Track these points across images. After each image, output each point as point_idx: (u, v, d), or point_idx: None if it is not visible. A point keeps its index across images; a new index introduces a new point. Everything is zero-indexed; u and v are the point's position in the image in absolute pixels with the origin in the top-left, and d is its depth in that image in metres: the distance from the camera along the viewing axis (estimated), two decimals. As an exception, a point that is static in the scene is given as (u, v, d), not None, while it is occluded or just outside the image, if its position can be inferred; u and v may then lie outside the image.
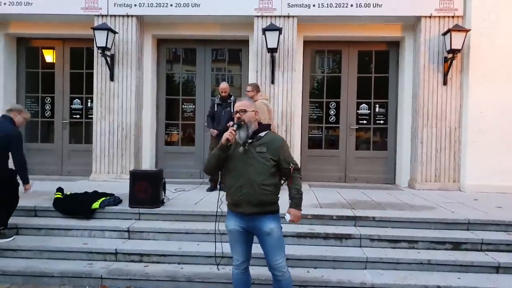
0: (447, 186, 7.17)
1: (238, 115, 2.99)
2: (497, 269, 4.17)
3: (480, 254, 4.39)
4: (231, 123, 2.99)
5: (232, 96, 6.63)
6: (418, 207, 5.57)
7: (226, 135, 2.88)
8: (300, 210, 3.05)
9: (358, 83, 8.10)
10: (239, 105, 3.04)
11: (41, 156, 8.35)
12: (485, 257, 4.32)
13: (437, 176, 7.23)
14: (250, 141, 2.96)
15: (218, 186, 3.50)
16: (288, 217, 3.03)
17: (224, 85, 6.57)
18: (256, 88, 6.41)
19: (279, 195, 3.05)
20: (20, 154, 4.50)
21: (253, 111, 3.05)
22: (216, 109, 6.59)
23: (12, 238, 4.65)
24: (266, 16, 7.34)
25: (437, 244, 4.52)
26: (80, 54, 8.38)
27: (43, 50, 8.55)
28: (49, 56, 8.57)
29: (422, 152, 7.24)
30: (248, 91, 6.28)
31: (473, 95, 7.04)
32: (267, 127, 3.16)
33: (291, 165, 2.99)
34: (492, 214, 5.15)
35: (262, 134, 3.02)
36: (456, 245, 4.50)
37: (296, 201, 3.03)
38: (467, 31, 6.80)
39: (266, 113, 5.80)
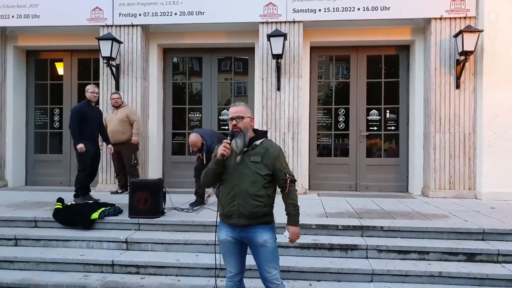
0: (462, 194, 6.86)
1: (234, 122, 2.80)
2: (515, 282, 3.88)
3: (496, 266, 4.12)
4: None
5: (205, 145, 5.44)
6: (430, 215, 5.30)
7: (220, 150, 2.72)
8: (298, 226, 2.89)
9: (368, 88, 7.89)
10: (234, 111, 2.83)
11: (50, 167, 8.41)
12: (502, 269, 4.05)
13: (451, 183, 6.92)
14: (245, 149, 2.80)
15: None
16: (287, 234, 2.86)
17: (192, 138, 5.47)
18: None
19: (273, 205, 2.88)
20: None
21: (249, 117, 2.87)
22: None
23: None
24: (271, 22, 7.22)
25: (450, 255, 4.27)
26: (88, 65, 8.42)
27: (52, 62, 8.62)
28: (57, 67, 8.65)
29: (435, 158, 6.95)
30: (118, 98, 7.02)
31: (488, 98, 6.74)
32: (264, 134, 2.98)
33: (287, 176, 2.81)
34: (510, 223, 4.86)
35: (258, 142, 2.85)
36: (470, 257, 4.25)
37: (293, 217, 2.86)
38: (479, 32, 6.54)
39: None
